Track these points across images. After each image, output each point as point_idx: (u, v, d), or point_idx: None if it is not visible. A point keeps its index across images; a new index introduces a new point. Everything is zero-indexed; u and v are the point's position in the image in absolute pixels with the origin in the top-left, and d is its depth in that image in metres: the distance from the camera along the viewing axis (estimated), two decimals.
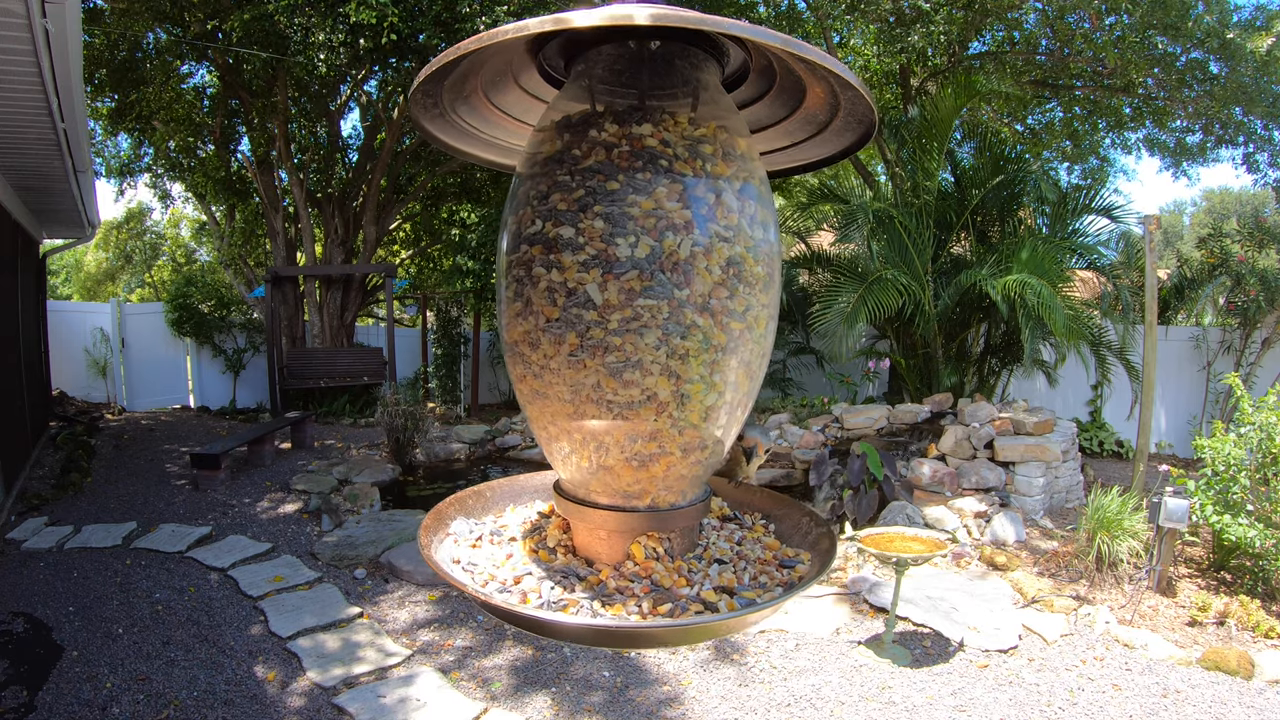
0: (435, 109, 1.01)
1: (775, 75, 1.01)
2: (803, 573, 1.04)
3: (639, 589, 0.96)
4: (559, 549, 1.07)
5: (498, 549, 1.09)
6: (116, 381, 10.74)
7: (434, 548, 1.07)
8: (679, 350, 0.90)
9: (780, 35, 0.77)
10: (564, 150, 0.93)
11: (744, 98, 1.06)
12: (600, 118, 0.93)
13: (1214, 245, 9.25)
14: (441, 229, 13.57)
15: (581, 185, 0.90)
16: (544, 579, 0.98)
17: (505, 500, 1.26)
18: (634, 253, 0.88)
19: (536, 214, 0.93)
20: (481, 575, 1.01)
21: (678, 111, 0.94)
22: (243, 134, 11.32)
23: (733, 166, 0.94)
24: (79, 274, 18.67)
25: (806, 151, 1.14)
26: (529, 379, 0.97)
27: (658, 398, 0.92)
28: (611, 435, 0.95)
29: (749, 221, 0.94)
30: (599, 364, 0.90)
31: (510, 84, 1.05)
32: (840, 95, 0.95)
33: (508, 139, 1.15)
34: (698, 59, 0.96)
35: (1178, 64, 8.47)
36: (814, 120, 1.05)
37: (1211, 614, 4.26)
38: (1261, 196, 23.97)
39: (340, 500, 6.31)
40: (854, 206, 7.77)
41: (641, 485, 0.99)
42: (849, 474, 5.82)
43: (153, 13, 8.41)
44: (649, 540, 1.02)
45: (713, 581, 1.00)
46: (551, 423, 0.99)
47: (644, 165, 0.90)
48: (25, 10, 3.25)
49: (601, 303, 0.89)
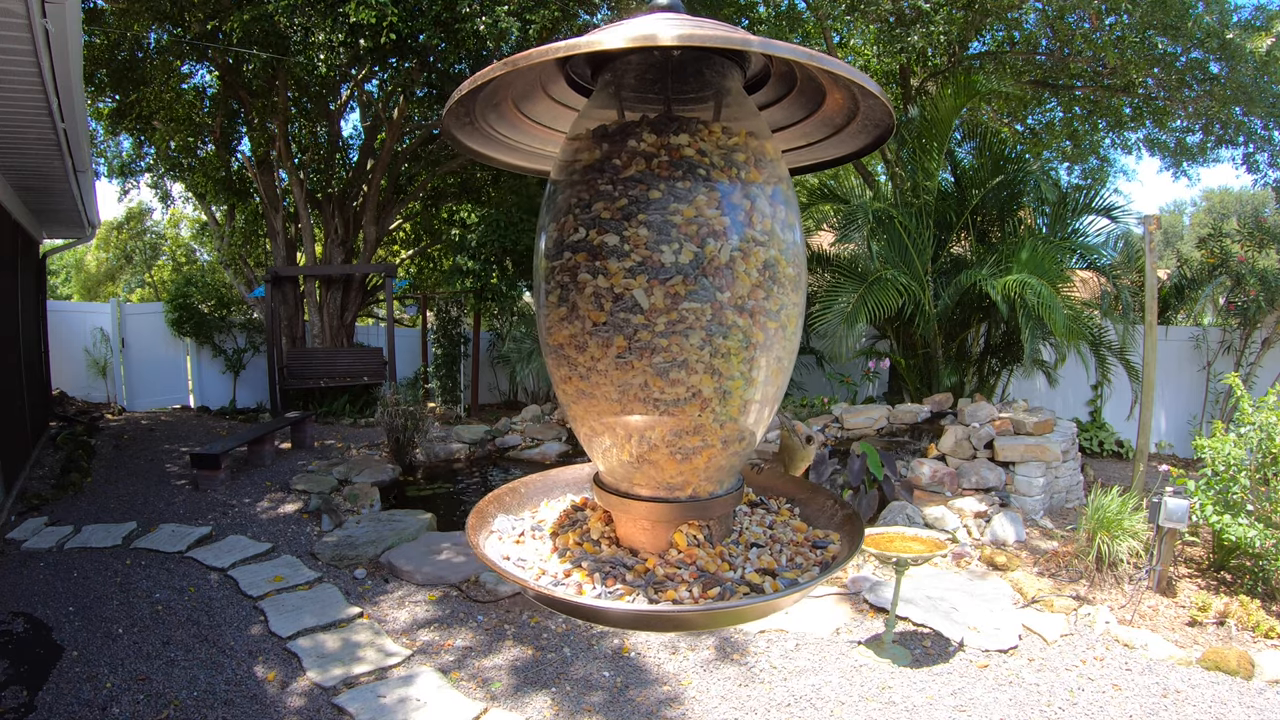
0: (466, 118, 1.05)
1: (795, 80, 1.05)
2: (835, 552, 1.09)
3: (687, 575, 1.01)
4: (603, 540, 1.11)
5: (542, 543, 1.14)
6: (116, 381, 10.74)
7: (484, 546, 1.12)
8: (721, 349, 0.95)
9: (806, 50, 0.81)
10: (604, 160, 0.97)
11: (764, 100, 1.10)
12: (638, 128, 0.97)
13: (1214, 245, 9.25)
14: (441, 229, 13.57)
15: (624, 194, 0.94)
16: (594, 570, 1.02)
17: (539, 495, 1.31)
18: (678, 259, 0.93)
19: (579, 222, 0.97)
20: (532, 570, 1.05)
21: (710, 120, 0.98)
22: (243, 134, 11.32)
23: (764, 173, 0.99)
24: (79, 274, 18.67)
25: (821, 151, 1.17)
26: (574, 380, 1.01)
27: (702, 394, 0.97)
28: (657, 430, 1.00)
29: (780, 225, 0.99)
30: (646, 364, 0.95)
31: (539, 94, 1.09)
32: (860, 101, 0.99)
33: (533, 144, 1.19)
34: (721, 66, 1.00)
35: (1178, 64, 8.47)
36: (831, 122, 1.09)
37: (1211, 614, 4.26)
38: (1261, 196, 23.97)
39: (340, 500, 6.31)
40: (854, 206, 7.77)
41: (684, 477, 1.04)
42: (849, 474, 5.82)
43: (153, 13, 8.42)
44: (690, 528, 1.06)
45: (754, 565, 1.04)
46: (597, 420, 1.03)
47: (684, 174, 0.94)
48: (25, 10, 3.25)
49: (648, 307, 0.93)
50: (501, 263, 10.61)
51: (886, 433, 7.13)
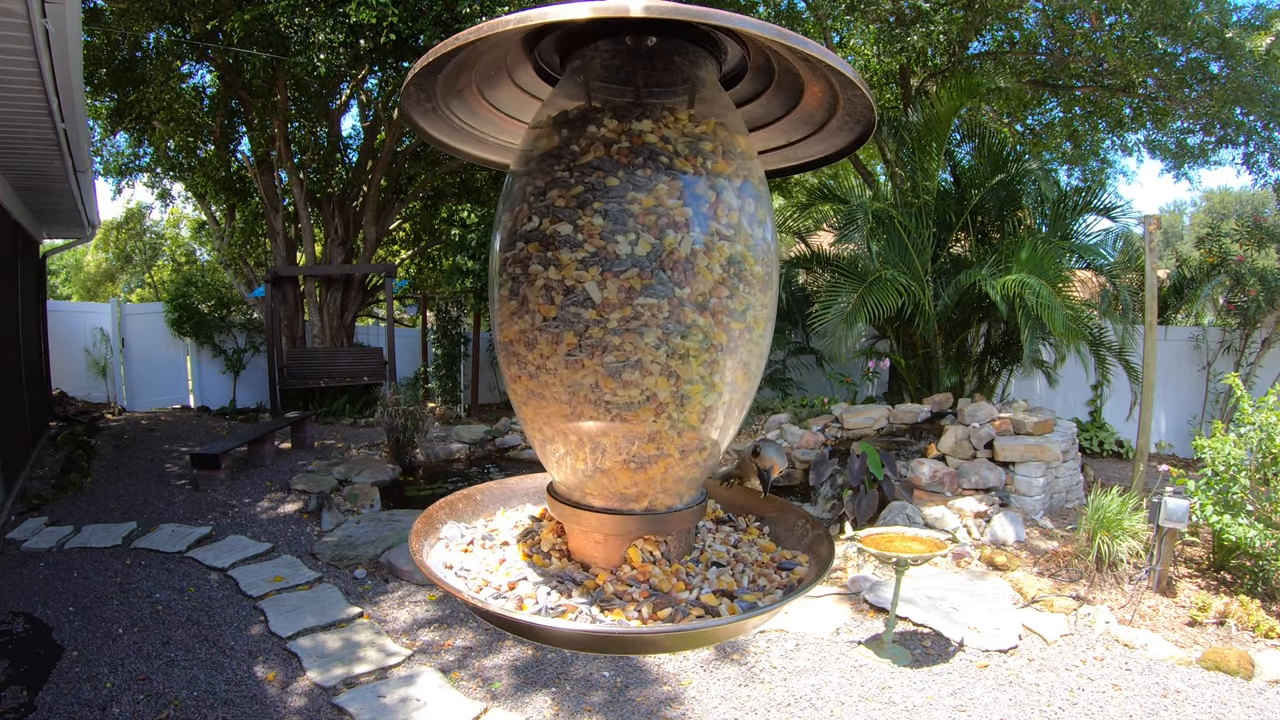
0: (428, 103, 0.99)
1: (773, 73, 1.00)
2: (802, 575, 1.03)
3: (638, 593, 0.95)
4: (554, 553, 1.05)
5: (490, 553, 1.08)
6: (116, 381, 10.74)
7: (425, 552, 1.06)
8: (679, 350, 0.88)
9: (776, 28, 0.76)
10: (562, 146, 0.91)
11: (741, 95, 1.05)
12: (599, 113, 0.91)
13: (1212, 245, 9.25)
14: (441, 229, 13.56)
15: (580, 181, 0.88)
16: (540, 584, 0.97)
17: (496, 504, 1.24)
18: (634, 250, 0.86)
19: (533, 210, 0.91)
20: (475, 581, 1.00)
21: (677, 108, 0.92)
22: (243, 134, 11.32)
23: (732, 164, 0.93)
24: (79, 274, 18.66)
25: (804, 150, 1.12)
26: (524, 379, 0.96)
27: (657, 398, 0.90)
28: (609, 437, 0.93)
29: (749, 220, 0.93)
30: (598, 364, 0.88)
31: (505, 80, 1.03)
32: (839, 93, 0.94)
33: (501, 136, 1.13)
34: (695, 56, 0.95)
35: (1178, 64, 8.46)
36: (812, 119, 1.04)
37: (1211, 614, 4.26)
38: (1261, 196, 23.97)
39: (340, 500, 6.31)
40: (853, 206, 7.76)
41: (639, 488, 0.98)
42: (849, 474, 5.82)
43: (153, 13, 8.41)
44: (646, 544, 1.00)
45: (712, 585, 0.98)
46: (547, 424, 0.97)
47: (644, 162, 0.88)
48: (25, 10, 3.25)
49: (601, 301, 0.87)
50: None
51: (886, 433, 7.12)
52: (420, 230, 14.31)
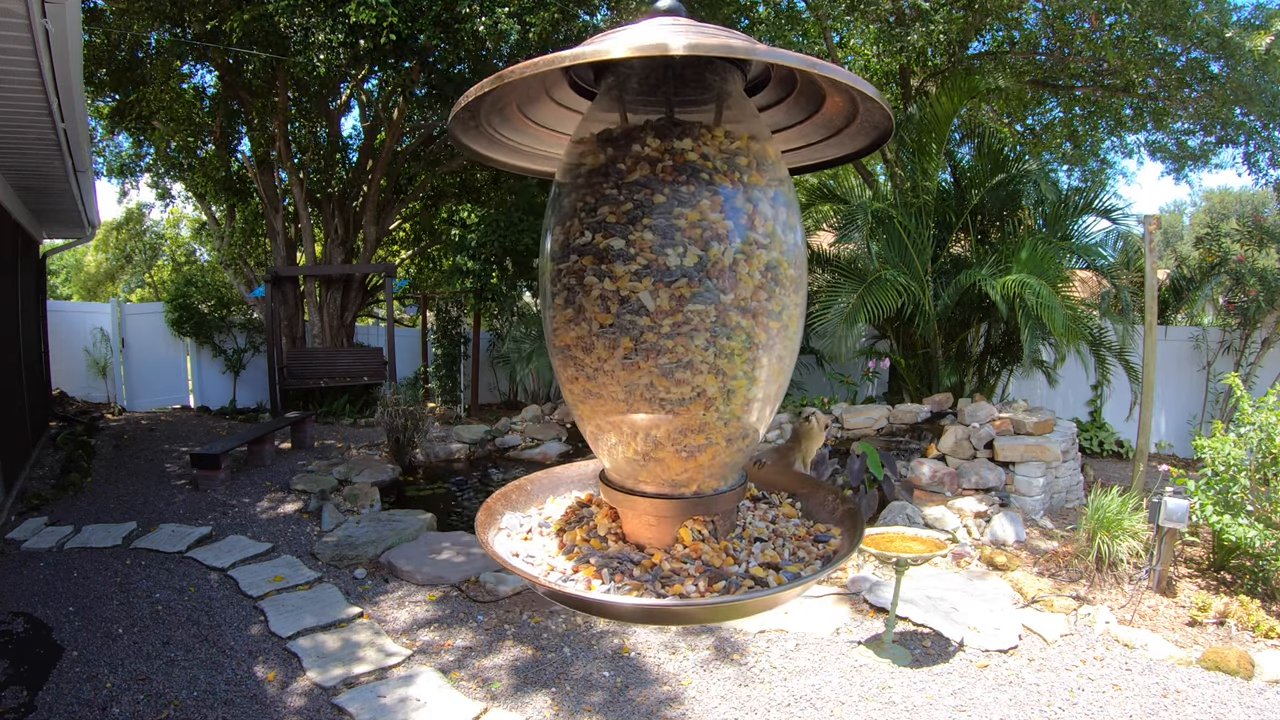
0: (471, 122, 1.06)
1: (795, 82, 1.06)
2: (836, 546, 1.11)
3: (693, 569, 1.02)
4: (610, 536, 1.12)
5: (549, 540, 1.15)
6: (116, 381, 10.74)
7: (493, 543, 1.14)
8: (725, 350, 0.97)
9: (808, 59, 0.82)
10: (608, 164, 0.99)
11: (765, 102, 1.11)
12: (641, 132, 0.98)
13: (1212, 245, 9.25)
14: (441, 229, 13.57)
15: (629, 199, 0.96)
16: (602, 566, 1.04)
17: (545, 492, 1.32)
18: (683, 261, 0.94)
19: (585, 226, 0.98)
20: (541, 566, 1.07)
21: (712, 124, 1.00)
22: (243, 134, 11.32)
23: (765, 176, 1.01)
24: (79, 274, 18.66)
25: (821, 151, 1.19)
26: (581, 380, 1.03)
27: (706, 394, 0.98)
28: (662, 429, 1.01)
29: (782, 227, 1.01)
30: (652, 365, 0.96)
31: (543, 97, 1.11)
32: (859, 104, 1.01)
33: (537, 145, 1.21)
34: (723, 69, 1.02)
35: (1177, 64, 8.47)
36: (831, 124, 1.11)
37: (1211, 614, 4.26)
38: (1261, 196, 23.98)
39: (340, 500, 6.31)
40: (853, 206, 7.77)
41: (689, 474, 1.06)
42: (849, 474, 5.82)
43: (153, 13, 8.42)
44: (695, 524, 1.08)
45: (757, 559, 1.06)
46: (604, 419, 1.05)
47: (687, 179, 0.96)
48: (25, 10, 3.25)
49: (654, 309, 0.95)
50: (501, 263, 10.61)
51: (886, 433, 7.13)
52: (420, 230, 14.32)
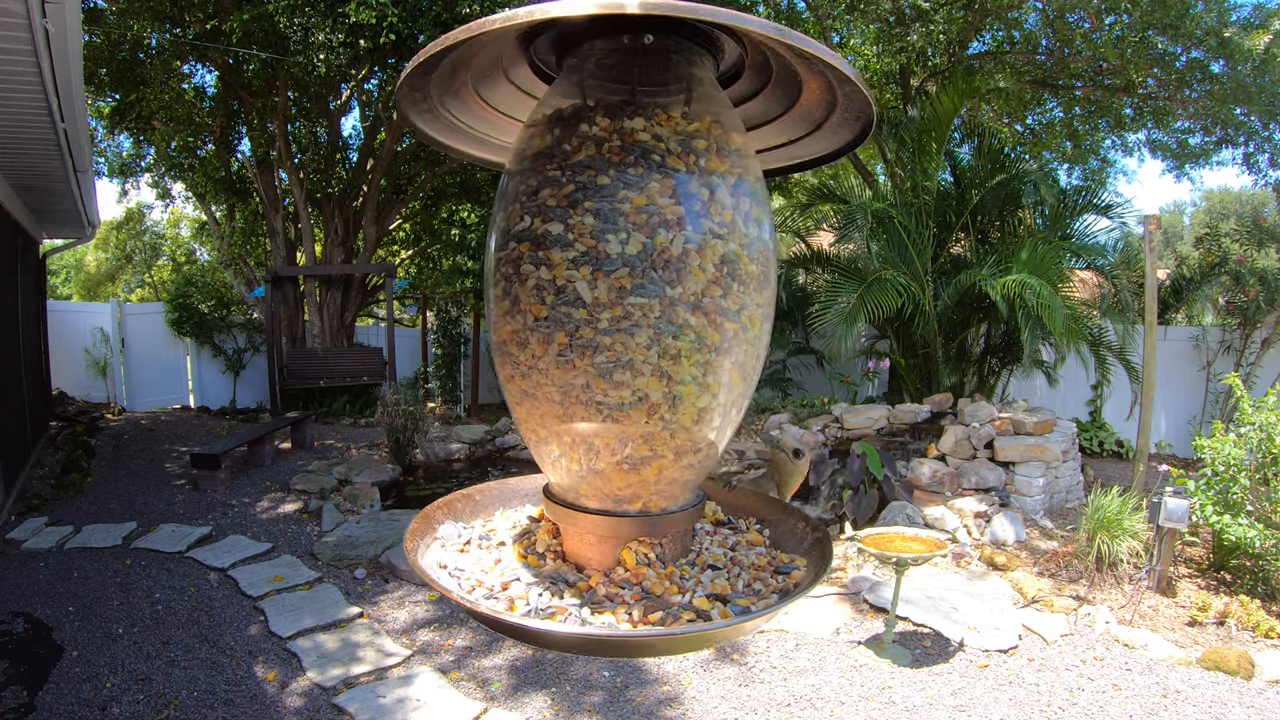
0: (424, 103, 0.98)
1: (771, 71, 0.99)
2: (798, 579, 1.01)
3: (629, 596, 0.94)
4: (548, 554, 1.04)
5: (486, 554, 1.07)
6: (116, 381, 10.74)
7: (420, 552, 1.05)
8: (671, 350, 0.88)
9: (772, 24, 0.75)
10: (554, 145, 0.91)
11: (740, 93, 1.04)
12: (591, 111, 0.91)
13: (1212, 245, 9.25)
14: (441, 229, 13.56)
15: (571, 180, 0.88)
16: (532, 585, 0.96)
17: (495, 504, 1.24)
18: (624, 249, 0.86)
19: (525, 210, 0.91)
20: (469, 581, 0.99)
21: (671, 106, 0.92)
22: (243, 134, 11.32)
23: (727, 162, 0.92)
24: (79, 274, 18.66)
25: (804, 149, 1.12)
26: (517, 379, 0.95)
27: (649, 399, 0.89)
28: (601, 438, 0.93)
29: (743, 218, 0.92)
30: (588, 364, 0.88)
31: (501, 79, 1.03)
32: (837, 91, 0.93)
33: (502, 136, 1.13)
34: (692, 54, 0.94)
35: (1177, 64, 8.46)
36: (810, 117, 1.03)
37: (1211, 614, 4.26)
38: (1261, 196, 23.96)
39: (340, 500, 6.31)
40: (853, 206, 7.76)
41: (633, 489, 0.97)
42: (849, 474, 5.82)
43: (153, 13, 8.41)
44: (640, 546, 1.00)
45: (705, 589, 0.97)
46: (541, 425, 0.97)
47: (635, 160, 0.88)
48: (25, 10, 3.25)
49: (591, 301, 0.87)
50: None
51: (886, 433, 7.12)
52: (420, 230, 14.31)
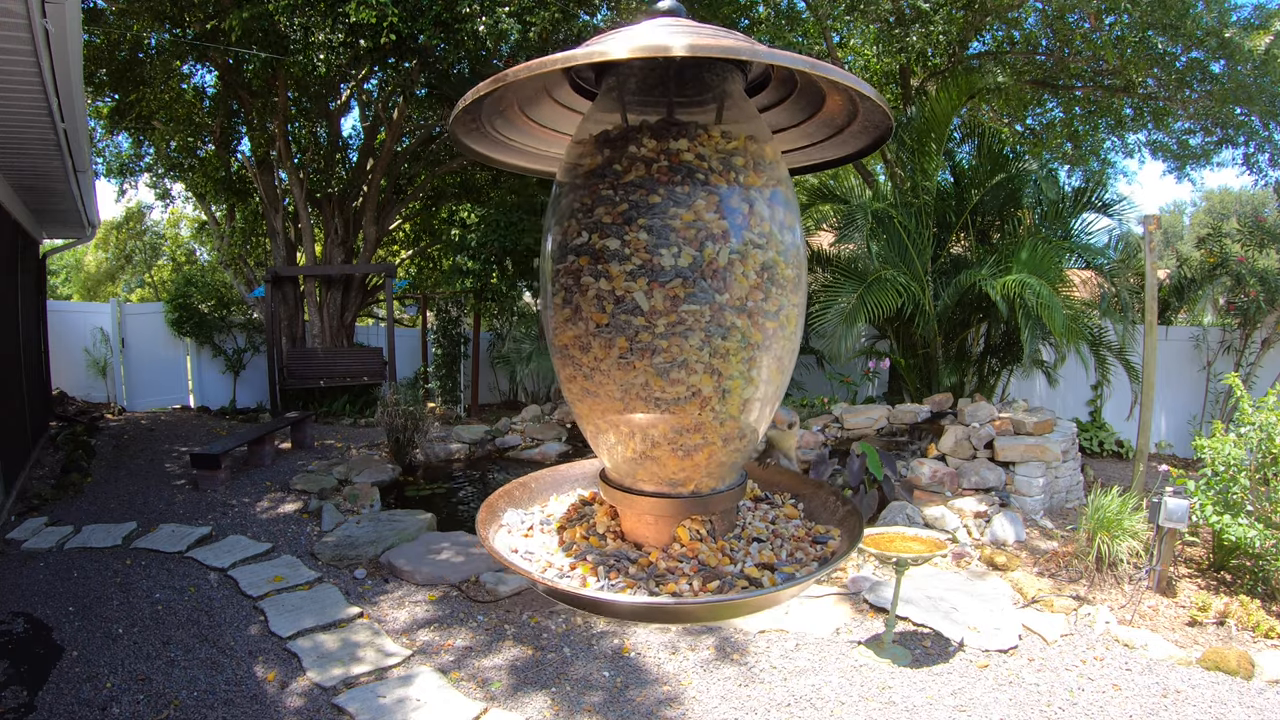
0: (473, 123, 1.07)
1: (795, 82, 1.07)
2: (834, 548, 1.11)
3: (688, 569, 1.03)
4: (608, 534, 1.13)
5: (549, 537, 1.16)
6: (116, 381, 10.74)
7: (492, 539, 1.15)
8: (720, 350, 0.97)
9: (808, 60, 0.83)
10: (605, 165, 1.00)
11: (765, 102, 1.12)
12: (638, 133, 0.99)
13: (1212, 245, 9.25)
14: (441, 229, 13.57)
15: (625, 199, 0.96)
16: (599, 563, 1.05)
17: (549, 490, 1.33)
18: (677, 262, 0.95)
19: (582, 226, 0.99)
20: (540, 563, 1.08)
21: (710, 125, 1.00)
22: (243, 134, 11.32)
23: (762, 176, 1.01)
24: (79, 274, 18.66)
25: (823, 151, 1.19)
26: (579, 379, 1.04)
27: (701, 393, 0.99)
28: (658, 428, 1.02)
29: (779, 227, 1.01)
30: (647, 365, 0.97)
31: (544, 97, 1.11)
32: (859, 104, 1.01)
33: (539, 146, 1.21)
34: (723, 70, 1.02)
35: (1177, 64, 8.46)
36: (831, 124, 1.11)
37: (1211, 614, 4.26)
38: (1261, 196, 23.97)
39: (340, 500, 6.31)
40: (853, 206, 7.76)
41: (686, 473, 1.06)
42: (849, 474, 5.82)
43: (153, 13, 8.41)
44: (693, 523, 1.09)
45: (754, 559, 1.07)
46: (601, 418, 1.06)
47: (682, 179, 0.96)
48: (25, 10, 3.25)
49: (648, 309, 0.95)
50: (501, 263, 10.60)
51: (886, 433, 7.12)
52: (420, 230, 14.32)
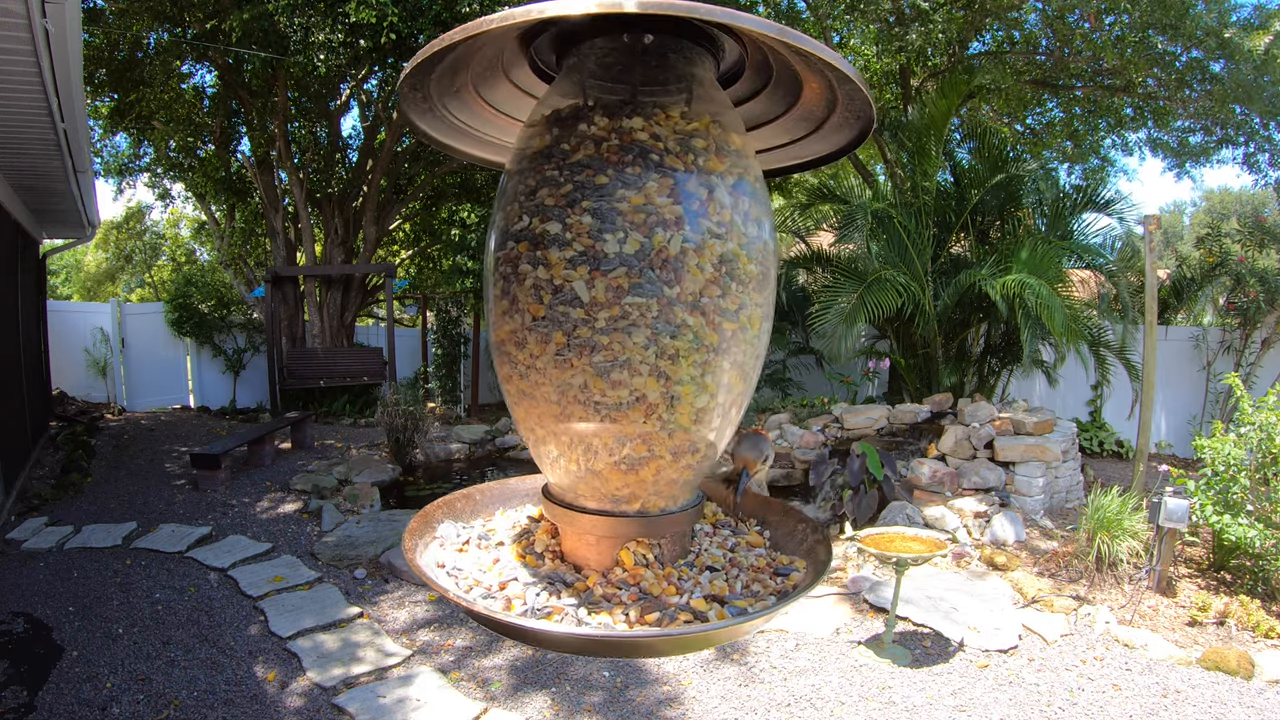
0: (425, 103, 0.99)
1: (771, 70, 0.99)
2: (797, 580, 1.01)
3: (626, 596, 0.94)
4: (547, 554, 1.04)
5: (484, 553, 1.07)
6: (116, 381, 10.74)
7: (419, 551, 1.05)
8: (669, 350, 0.88)
9: (772, 24, 0.75)
10: (553, 145, 0.92)
11: (740, 93, 1.04)
12: (590, 111, 0.91)
13: (1212, 245, 9.25)
14: (441, 229, 13.56)
15: (569, 180, 0.88)
16: (530, 584, 0.96)
17: (495, 504, 1.23)
18: (622, 249, 0.86)
19: (524, 210, 0.91)
20: (466, 580, 0.99)
21: (670, 106, 0.92)
22: (243, 134, 11.32)
23: (726, 162, 0.92)
24: (79, 274, 18.66)
25: (805, 149, 1.12)
26: (515, 379, 0.96)
27: (646, 399, 0.90)
28: (599, 438, 0.93)
29: (743, 218, 0.92)
30: (586, 363, 0.88)
31: (501, 79, 1.03)
32: (837, 90, 0.93)
33: (502, 136, 1.13)
34: (692, 54, 0.94)
35: (1177, 64, 8.46)
36: (811, 116, 1.03)
37: (1211, 614, 4.26)
38: (1261, 196, 23.97)
39: (340, 500, 6.31)
40: (853, 206, 7.76)
41: (631, 489, 0.97)
42: (849, 474, 5.82)
43: (153, 13, 8.41)
44: (638, 546, 1.00)
45: (704, 589, 0.97)
46: (539, 424, 0.97)
47: (633, 159, 0.88)
48: (25, 10, 3.25)
49: (589, 300, 0.87)
50: None
51: (886, 433, 7.12)
52: (420, 230, 14.31)
